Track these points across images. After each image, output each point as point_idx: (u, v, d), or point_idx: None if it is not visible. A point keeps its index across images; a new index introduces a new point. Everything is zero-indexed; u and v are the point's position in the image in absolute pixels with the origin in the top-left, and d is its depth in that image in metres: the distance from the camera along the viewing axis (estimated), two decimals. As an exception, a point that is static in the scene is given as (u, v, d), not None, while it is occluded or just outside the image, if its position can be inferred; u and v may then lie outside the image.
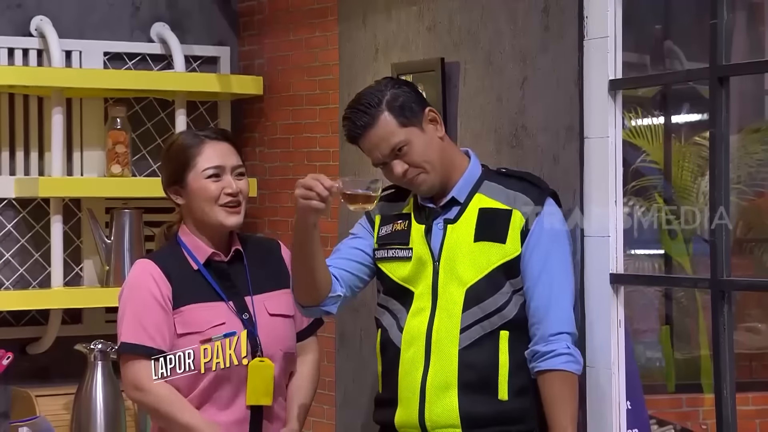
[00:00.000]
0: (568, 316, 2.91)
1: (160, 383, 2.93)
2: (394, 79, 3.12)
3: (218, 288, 3.00)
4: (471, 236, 2.90)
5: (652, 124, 5.42)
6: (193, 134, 3.09)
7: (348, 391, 4.10)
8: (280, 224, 4.55)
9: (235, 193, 3.01)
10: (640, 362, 4.98)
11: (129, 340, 2.95)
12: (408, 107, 2.93)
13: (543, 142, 3.25)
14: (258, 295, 3.04)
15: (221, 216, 3.00)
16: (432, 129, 2.95)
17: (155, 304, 2.95)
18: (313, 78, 4.37)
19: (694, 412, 5.18)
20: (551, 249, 2.89)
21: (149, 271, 2.99)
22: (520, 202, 2.91)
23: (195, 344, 2.95)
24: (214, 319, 2.98)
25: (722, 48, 2.79)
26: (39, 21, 4.43)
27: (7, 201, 4.40)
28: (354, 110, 2.95)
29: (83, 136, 4.50)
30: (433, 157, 2.92)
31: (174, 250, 3.04)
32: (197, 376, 2.96)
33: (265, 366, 2.97)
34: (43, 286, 4.42)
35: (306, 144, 4.41)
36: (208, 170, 3.00)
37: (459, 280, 2.89)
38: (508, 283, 2.89)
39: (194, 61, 4.69)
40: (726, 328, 2.79)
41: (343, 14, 4.17)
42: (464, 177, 2.96)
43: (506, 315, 2.88)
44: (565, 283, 2.91)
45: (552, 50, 3.22)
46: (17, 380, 4.34)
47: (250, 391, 2.95)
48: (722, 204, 2.80)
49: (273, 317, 3.04)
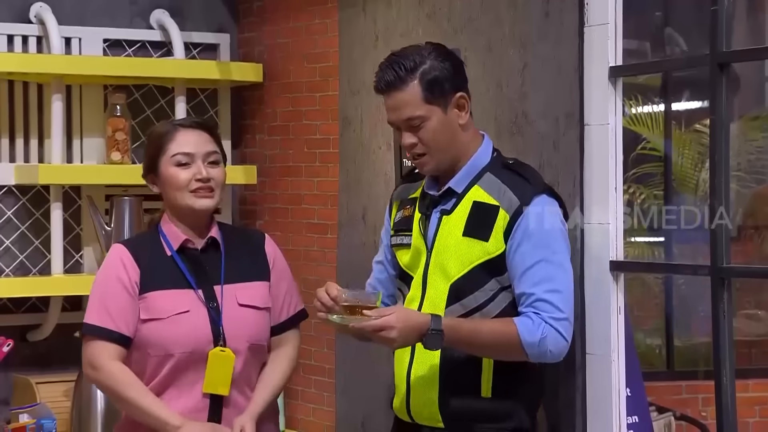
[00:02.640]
0: (560, 300, 2.76)
1: (115, 363, 2.95)
2: (441, 49, 2.90)
3: (189, 275, 2.99)
4: (461, 230, 2.84)
5: (653, 111, 5.42)
6: (170, 123, 3.10)
7: (348, 379, 4.10)
8: (279, 211, 4.55)
9: (205, 179, 2.99)
10: (640, 349, 4.99)
11: (92, 322, 2.99)
12: (439, 85, 2.82)
13: (543, 129, 3.24)
14: (229, 285, 3.02)
15: (190, 200, 2.99)
16: (455, 114, 2.85)
17: (121, 289, 2.97)
18: (312, 65, 4.37)
19: (694, 399, 5.20)
20: (535, 250, 2.76)
21: (119, 255, 3.01)
22: (507, 199, 2.81)
23: (157, 330, 2.96)
24: (178, 307, 2.97)
25: (722, 34, 2.79)
26: (39, 8, 4.42)
27: (7, 188, 4.40)
28: (388, 65, 2.86)
29: (83, 124, 4.50)
30: (442, 143, 2.84)
31: (152, 236, 3.06)
32: (161, 361, 2.96)
33: (225, 356, 2.95)
34: (43, 273, 4.42)
35: (306, 131, 4.41)
36: (177, 156, 3.00)
37: (445, 273, 2.85)
38: (494, 280, 2.81)
39: (194, 48, 4.69)
40: (726, 315, 2.79)
41: (343, 1, 4.16)
42: (466, 167, 2.88)
43: (489, 312, 2.80)
44: (554, 283, 2.75)
45: (552, 37, 3.21)
46: (17, 367, 4.35)
47: (207, 379, 2.95)
48: (722, 191, 2.80)
49: (242, 308, 3.01)
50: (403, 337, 2.71)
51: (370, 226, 4.02)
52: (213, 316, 2.97)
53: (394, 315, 2.70)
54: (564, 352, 2.77)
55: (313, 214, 4.36)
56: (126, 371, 2.97)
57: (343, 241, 4.17)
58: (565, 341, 2.75)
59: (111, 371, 2.96)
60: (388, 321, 2.69)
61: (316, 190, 4.36)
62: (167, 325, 2.95)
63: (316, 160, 4.36)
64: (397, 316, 2.70)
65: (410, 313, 2.76)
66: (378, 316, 2.70)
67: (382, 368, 3.84)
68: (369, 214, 4.03)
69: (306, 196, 4.42)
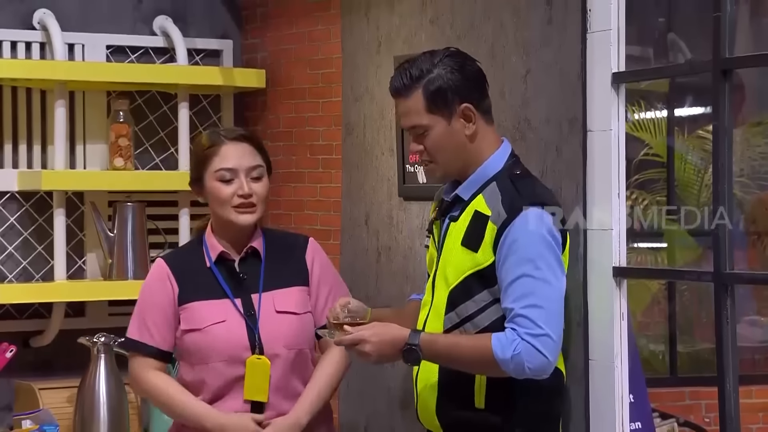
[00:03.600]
0: (540, 316, 2.71)
1: (154, 373, 3.10)
2: (456, 57, 2.86)
3: (226, 286, 3.07)
4: (460, 239, 2.83)
5: (656, 117, 5.42)
6: (216, 133, 3.13)
7: (351, 384, 4.10)
8: (282, 217, 4.55)
9: (247, 195, 3.06)
10: (643, 355, 4.99)
11: (132, 336, 3.14)
12: (443, 95, 2.80)
13: (546, 134, 3.24)
14: (267, 292, 3.09)
15: (233, 216, 3.07)
16: (460, 125, 2.82)
17: (159, 304, 3.09)
18: (315, 71, 4.37)
19: (697, 405, 5.19)
20: (518, 264, 2.72)
21: (159, 271, 3.13)
22: (497, 210, 2.78)
23: (196, 340, 3.07)
24: (215, 317, 3.06)
25: (725, 40, 2.79)
26: (42, 14, 4.43)
27: (10, 194, 4.40)
28: (398, 71, 2.86)
29: (86, 129, 4.50)
30: (447, 153, 2.83)
31: (194, 247, 3.16)
32: (204, 370, 3.05)
33: (261, 363, 3.03)
34: (46, 279, 4.42)
35: (309, 137, 4.41)
36: (220, 171, 3.06)
37: (446, 281, 2.85)
38: (486, 291, 2.79)
39: (197, 54, 4.69)
40: (729, 321, 2.79)
41: (345, 7, 4.17)
42: (475, 174, 2.85)
43: (479, 323, 2.79)
44: (534, 298, 2.71)
45: (555, 43, 3.22)
46: (20, 373, 4.35)
47: (247, 387, 3.04)
48: (725, 197, 2.79)
49: (279, 314, 3.08)
50: (378, 352, 2.75)
51: (372, 231, 4.02)
52: (250, 324, 3.05)
53: (368, 330, 2.76)
54: (546, 368, 2.70)
55: (316, 220, 4.36)
56: (165, 378, 3.10)
57: (346, 246, 4.17)
58: (544, 357, 2.68)
59: (152, 381, 3.10)
60: (362, 335, 2.75)
61: (319, 196, 4.36)
62: (205, 335, 3.05)
63: (319, 166, 4.37)
64: (372, 332, 2.76)
65: (388, 328, 2.78)
66: (354, 331, 2.76)
67: (385, 374, 3.83)
68: (372, 220, 4.03)
69: (309, 202, 4.42)
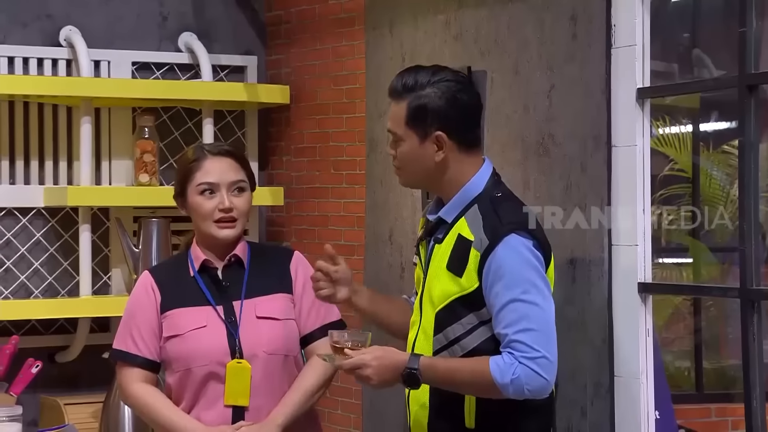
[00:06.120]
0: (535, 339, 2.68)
1: (141, 385, 3.11)
2: (457, 83, 2.80)
3: (208, 293, 3.11)
4: (445, 262, 2.80)
5: (680, 133, 5.40)
6: (199, 148, 3.18)
7: (374, 401, 4.10)
8: (306, 233, 4.55)
9: (227, 209, 3.09)
10: (668, 371, 4.96)
11: (117, 347, 3.17)
12: (421, 115, 2.77)
13: (570, 150, 3.24)
14: (249, 299, 3.12)
15: (213, 230, 3.10)
16: (431, 150, 2.78)
17: (144, 314, 3.12)
18: (339, 87, 4.38)
19: (724, 422, 5.15)
20: (506, 290, 2.69)
21: (143, 282, 3.16)
22: (479, 236, 2.74)
23: (178, 346, 3.09)
24: (196, 322, 3.09)
25: (751, 56, 2.78)
26: (68, 31, 4.46)
27: (37, 210, 4.43)
28: (403, 74, 2.86)
29: (111, 146, 4.52)
30: (412, 169, 2.81)
31: (180, 259, 3.20)
32: (185, 375, 3.08)
33: (242, 368, 3.06)
34: (71, 295, 4.44)
35: (333, 153, 4.42)
36: (202, 185, 3.10)
37: (432, 302, 2.83)
38: (472, 315, 2.75)
39: (221, 71, 4.71)
40: (756, 337, 2.77)
41: (369, 23, 4.18)
42: (457, 196, 2.81)
43: (466, 345, 2.76)
44: (526, 322, 2.67)
45: (579, 59, 3.21)
46: (46, 388, 4.37)
47: (228, 392, 3.06)
48: (751, 212, 2.78)
49: (260, 320, 3.11)
50: (379, 376, 2.74)
51: (396, 247, 4.02)
52: (231, 329, 3.08)
53: (369, 354, 2.75)
54: (545, 388, 2.68)
55: (339, 236, 4.36)
56: (149, 391, 3.12)
57: (370, 262, 4.17)
58: (543, 379, 2.66)
59: (136, 393, 3.12)
60: (362, 360, 2.74)
61: (343, 212, 4.36)
62: (185, 341, 3.08)
63: (342, 181, 4.37)
64: (372, 356, 2.74)
65: (388, 352, 2.77)
66: (354, 356, 2.75)
67: (409, 390, 3.83)
68: (395, 236, 4.03)
69: (333, 218, 4.42)
